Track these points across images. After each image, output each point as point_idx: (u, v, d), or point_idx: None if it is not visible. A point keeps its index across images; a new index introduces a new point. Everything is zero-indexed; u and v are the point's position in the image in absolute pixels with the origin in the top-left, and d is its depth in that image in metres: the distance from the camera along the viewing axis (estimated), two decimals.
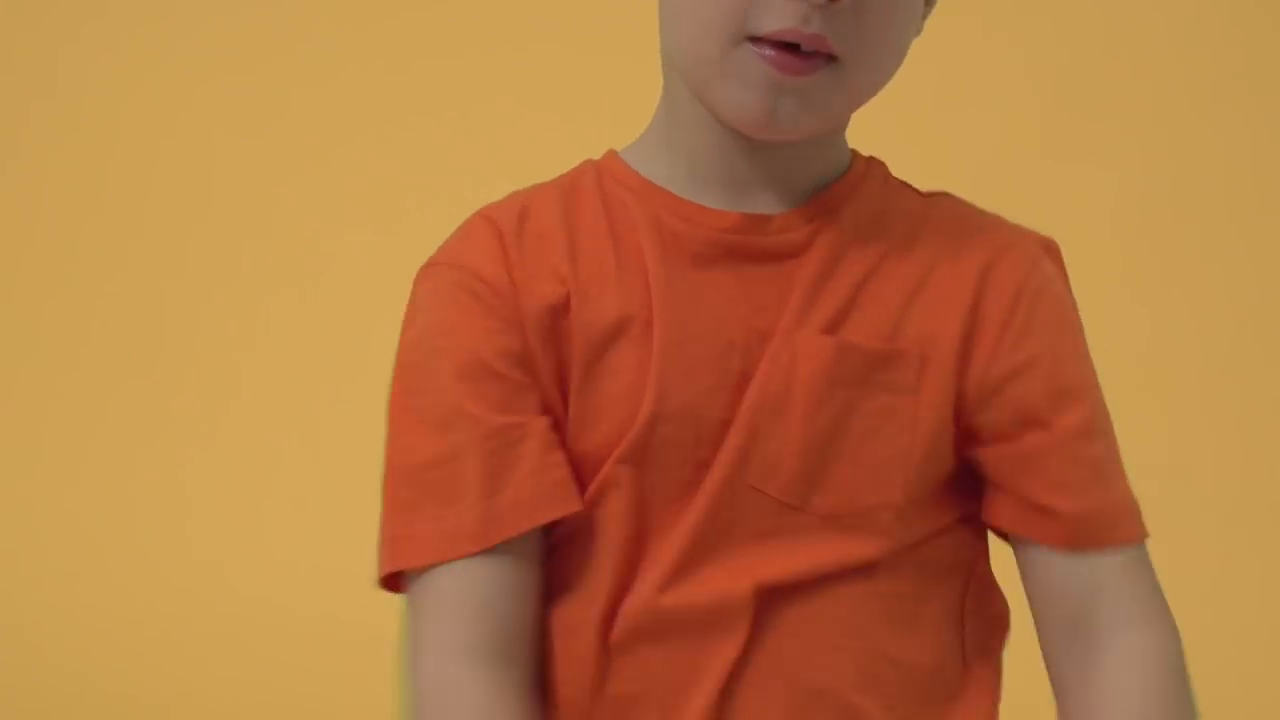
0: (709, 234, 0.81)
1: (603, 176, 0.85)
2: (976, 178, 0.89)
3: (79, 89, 2.31)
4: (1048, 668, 0.84)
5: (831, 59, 0.76)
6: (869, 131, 0.85)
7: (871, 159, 0.87)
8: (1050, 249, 0.86)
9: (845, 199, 0.83)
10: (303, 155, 2.24)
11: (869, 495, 0.79)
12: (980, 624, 0.85)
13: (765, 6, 0.75)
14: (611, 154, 0.87)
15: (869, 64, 0.79)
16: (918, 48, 0.82)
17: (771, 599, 0.79)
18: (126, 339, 2.23)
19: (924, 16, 0.83)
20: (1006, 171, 2.08)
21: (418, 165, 2.19)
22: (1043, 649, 0.84)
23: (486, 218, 0.84)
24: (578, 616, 0.80)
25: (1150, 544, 0.86)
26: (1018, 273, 0.83)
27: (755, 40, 0.76)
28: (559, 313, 0.80)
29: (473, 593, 0.78)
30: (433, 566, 0.78)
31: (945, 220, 0.86)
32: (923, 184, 0.88)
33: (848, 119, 0.84)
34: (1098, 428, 0.83)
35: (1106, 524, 0.83)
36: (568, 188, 0.85)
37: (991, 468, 0.82)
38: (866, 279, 0.82)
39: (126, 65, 2.29)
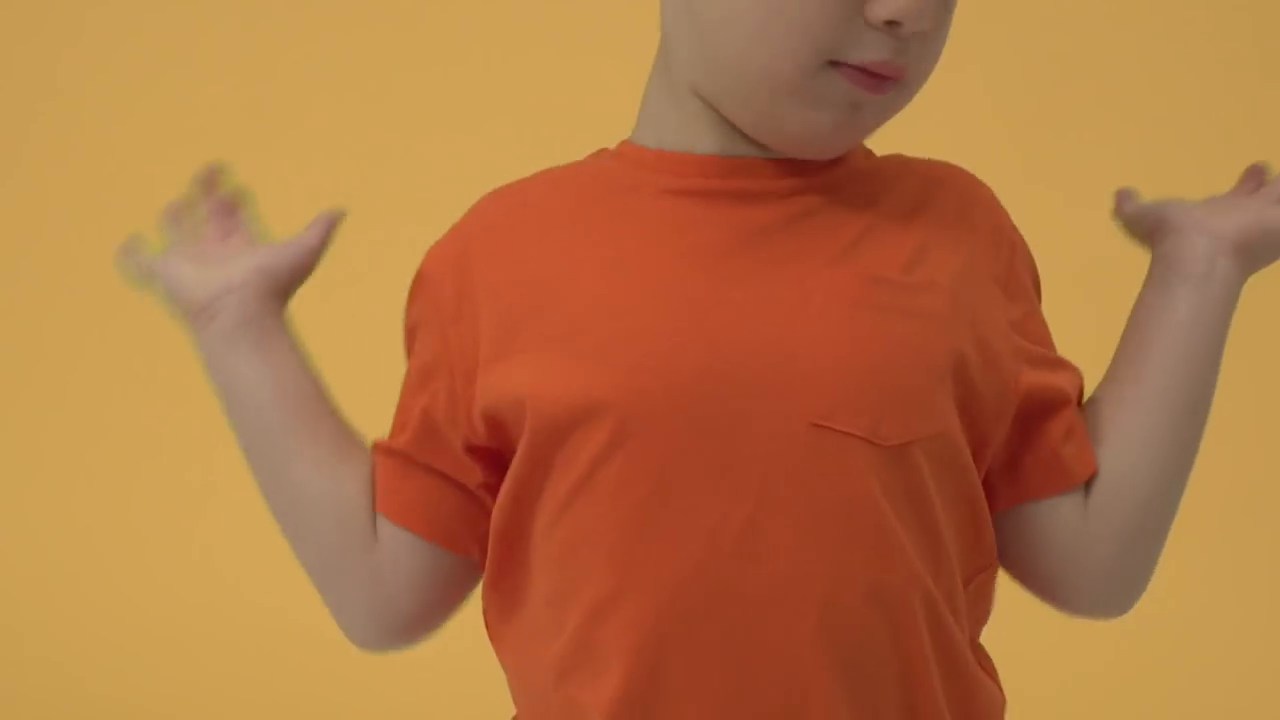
0: (696, 182, 0.81)
1: (602, 155, 0.87)
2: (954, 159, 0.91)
3: (80, 89, 2.31)
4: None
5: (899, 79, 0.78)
6: None
7: None
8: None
9: (836, 160, 0.84)
10: (307, 158, 2.24)
11: (929, 421, 0.78)
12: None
13: (858, 37, 0.75)
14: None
15: (919, 84, 0.80)
16: None
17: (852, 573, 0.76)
18: (129, 341, 2.23)
19: None
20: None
21: (421, 169, 2.20)
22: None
23: (460, 228, 0.87)
24: (616, 583, 0.77)
25: None
26: (1003, 221, 0.86)
27: (838, 65, 0.76)
28: (505, 311, 0.81)
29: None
30: None
31: (919, 169, 0.87)
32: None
33: None
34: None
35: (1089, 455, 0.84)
36: (568, 170, 0.88)
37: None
38: (875, 218, 0.82)
39: (129, 66, 2.30)
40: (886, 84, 0.77)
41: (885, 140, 0.84)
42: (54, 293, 2.28)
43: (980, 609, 0.86)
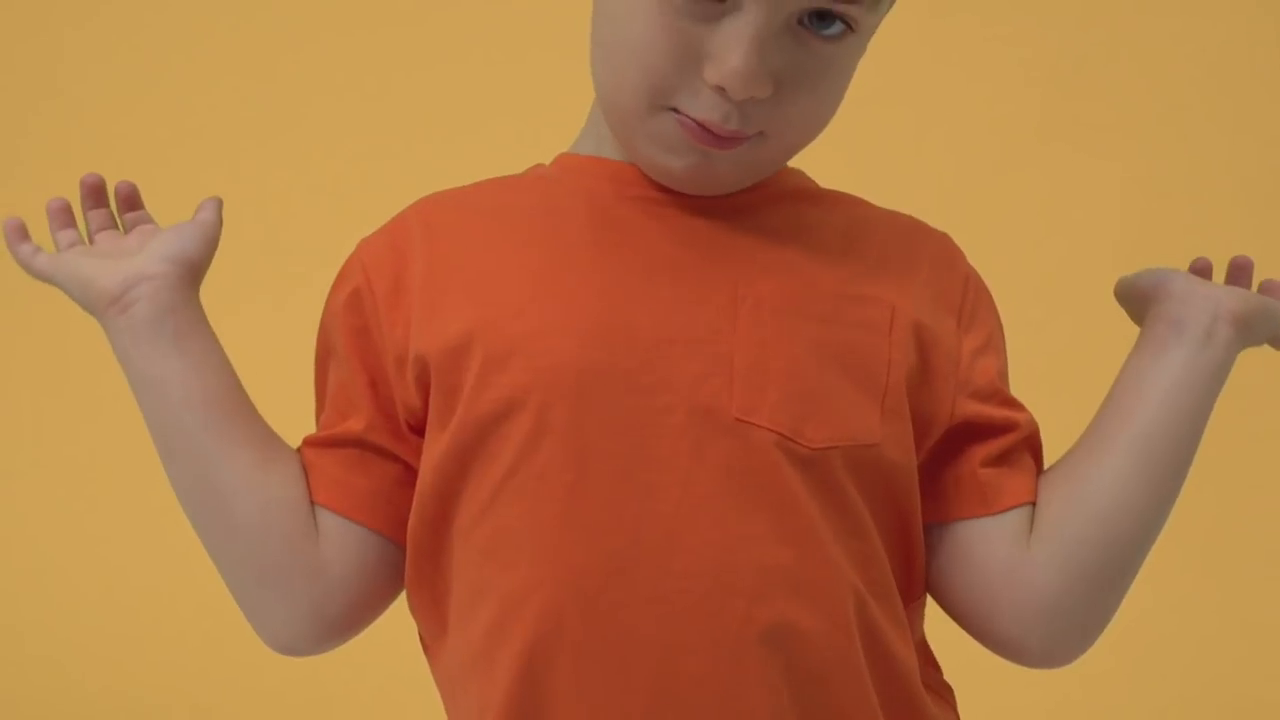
0: (634, 189, 0.83)
1: (543, 166, 0.89)
2: (976, 167, 0.90)
3: (80, 89, 2.31)
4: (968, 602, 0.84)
5: (754, 134, 0.78)
6: (866, 124, 0.85)
7: (794, 169, 0.88)
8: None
9: (771, 180, 0.85)
10: (307, 158, 2.24)
11: (855, 430, 0.77)
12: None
13: (690, 91, 0.76)
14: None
15: (792, 136, 0.79)
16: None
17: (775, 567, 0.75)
18: None
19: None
20: (1006, 161, 2.08)
21: (421, 169, 2.19)
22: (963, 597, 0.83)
23: (396, 223, 0.87)
24: (539, 575, 0.75)
25: None
26: (961, 261, 0.87)
27: (678, 110, 0.77)
28: (429, 296, 0.81)
29: None
30: None
31: (869, 206, 0.88)
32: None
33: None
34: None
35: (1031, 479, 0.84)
36: (507, 179, 0.89)
37: (950, 435, 0.83)
38: (817, 235, 0.83)
39: (129, 66, 2.30)
40: (725, 142, 0.77)
41: (907, 94, 0.84)
42: (54, 292, 2.28)
43: (919, 644, 0.85)
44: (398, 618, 0.90)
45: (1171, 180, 2.14)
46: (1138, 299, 0.89)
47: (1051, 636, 0.82)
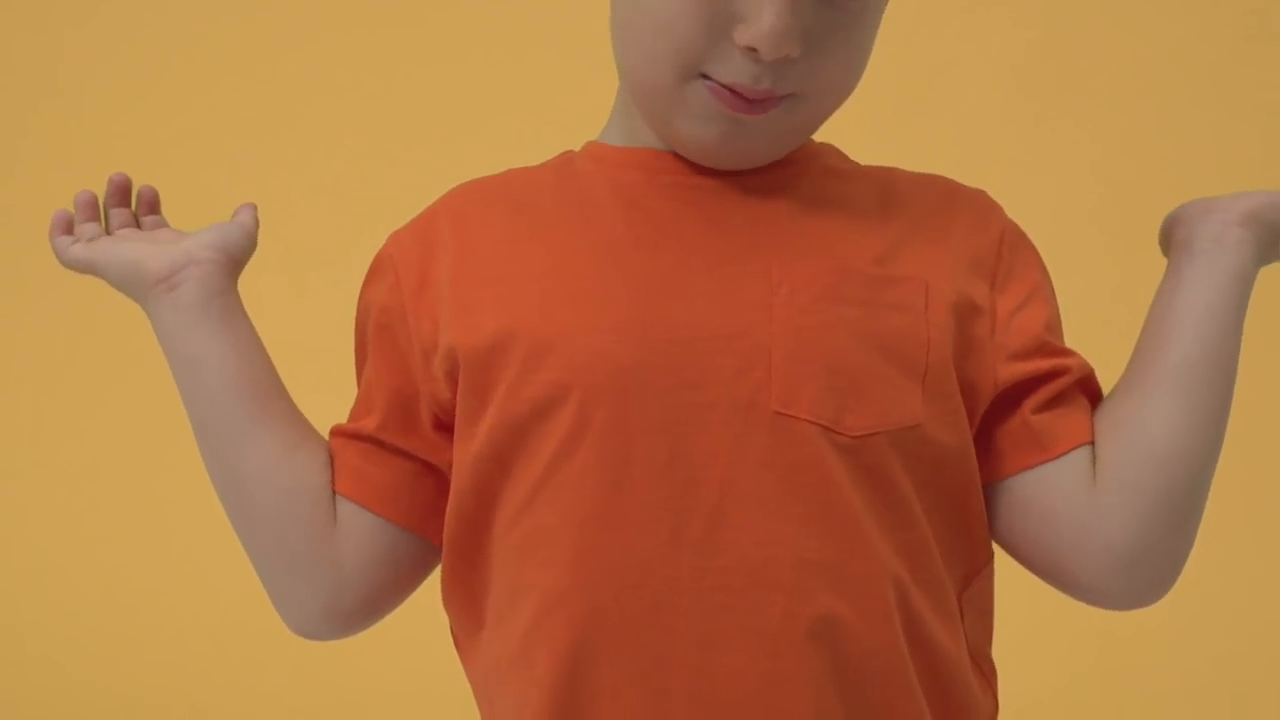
0: (666, 176, 0.82)
1: (567, 154, 0.89)
2: (956, 152, 0.90)
3: (80, 89, 2.31)
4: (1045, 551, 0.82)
5: (786, 95, 0.78)
6: (849, 108, 0.85)
7: (826, 144, 0.88)
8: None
9: (803, 157, 0.85)
10: (307, 158, 2.24)
11: (897, 413, 0.77)
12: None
13: (720, 55, 0.76)
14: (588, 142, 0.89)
15: (824, 97, 0.80)
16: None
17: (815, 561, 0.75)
18: (129, 340, 2.23)
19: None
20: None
21: (421, 169, 2.20)
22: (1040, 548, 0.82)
23: (426, 216, 0.88)
24: (577, 573, 0.75)
25: None
26: (996, 218, 0.85)
27: (707, 78, 0.77)
28: (463, 297, 0.81)
29: None
30: None
31: (903, 175, 0.87)
32: (903, 156, 0.88)
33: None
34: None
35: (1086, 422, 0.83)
36: (536, 168, 0.88)
37: (1001, 394, 0.82)
38: (848, 214, 0.82)
39: (129, 66, 2.30)
40: (756, 106, 0.77)
41: (903, 68, 0.83)
42: (53, 293, 2.28)
43: (983, 616, 0.84)
44: (398, 618, 0.91)
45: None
46: (1165, 242, 0.87)
47: (1132, 584, 0.81)
